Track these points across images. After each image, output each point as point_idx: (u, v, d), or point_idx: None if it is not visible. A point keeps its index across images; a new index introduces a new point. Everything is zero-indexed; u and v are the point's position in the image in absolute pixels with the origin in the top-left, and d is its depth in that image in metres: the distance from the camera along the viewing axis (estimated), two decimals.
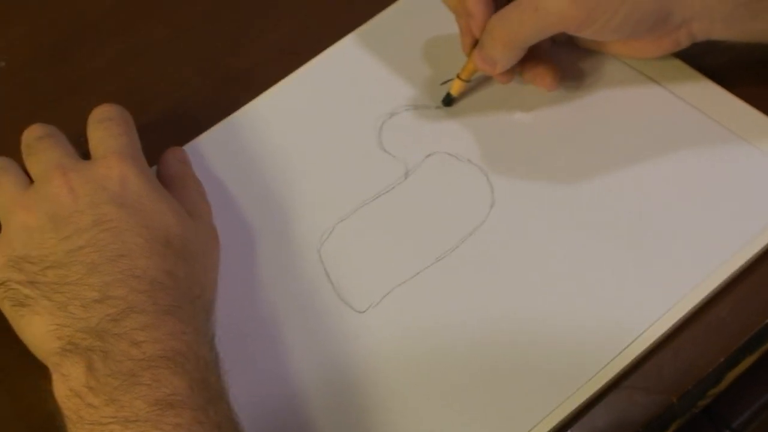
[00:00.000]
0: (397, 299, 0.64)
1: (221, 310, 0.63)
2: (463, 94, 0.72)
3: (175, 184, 0.66)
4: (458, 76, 0.71)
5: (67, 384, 0.55)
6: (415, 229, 0.66)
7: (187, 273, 0.60)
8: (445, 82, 0.72)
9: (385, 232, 0.67)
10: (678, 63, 0.71)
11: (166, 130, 0.72)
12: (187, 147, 0.71)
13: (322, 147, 0.71)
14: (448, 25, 0.70)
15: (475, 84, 0.72)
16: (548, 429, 0.58)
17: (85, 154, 0.65)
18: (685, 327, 0.61)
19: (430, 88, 0.73)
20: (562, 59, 0.71)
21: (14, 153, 0.66)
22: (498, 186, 0.68)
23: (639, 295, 0.62)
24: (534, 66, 0.70)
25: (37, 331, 0.58)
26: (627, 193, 0.66)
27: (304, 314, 0.64)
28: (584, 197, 0.66)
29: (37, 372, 0.58)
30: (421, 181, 0.69)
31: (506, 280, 0.64)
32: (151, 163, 0.66)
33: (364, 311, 0.63)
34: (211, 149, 0.72)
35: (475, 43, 0.68)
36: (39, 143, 0.65)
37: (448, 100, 0.72)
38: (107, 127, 0.65)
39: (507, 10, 0.65)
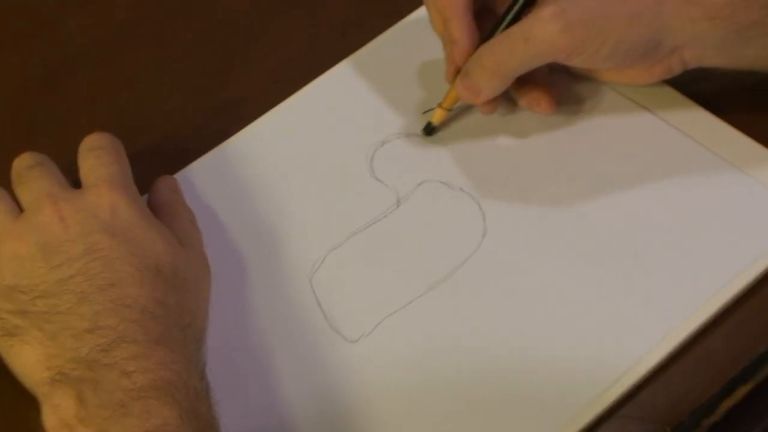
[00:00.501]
0: (389, 329, 0.63)
1: (212, 338, 0.63)
2: (450, 123, 0.72)
3: (166, 212, 0.66)
4: (440, 105, 0.71)
5: (57, 414, 0.55)
6: (407, 258, 0.66)
7: (178, 301, 0.60)
8: (426, 111, 0.72)
9: (377, 260, 0.66)
10: (670, 90, 0.71)
11: (157, 158, 0.72)
12: (178, 175, 0.71)
13: (313, 175, 0.71)
14: (438, 54, 0.70)
15: (466, 112, 0.72)
16: None
17: (75, 183, 0.65)
18: (679, 357, 0.61)
19: (421, 116, 0.73)
20: (554, 86, 0.71)
21: (4, 182, 0.66)
22: (490, 214, 0.67)
23: (633, 325, 0.62)
24: (529, 91, 0.70)
25: (27, 361, 0.58)
26: (619, 222, 0.66)
27: (296, 344, 0.63)
28: (576, 226, 0.66)
29: (27, 402, 0.58)
30: (413, 209, 0.68)
31: (498, 310, 0.63)
32: (142, 192, 0.66)
33: (355, 341, 0.63)
34: (202, 178, 0.71)
35: (458, 72, 0.68)
36: (29, 172, 0.65)
37: (429, 129, 0.71)
38: (98, 156, 0.65)
39: (497, 40, 0.66)
